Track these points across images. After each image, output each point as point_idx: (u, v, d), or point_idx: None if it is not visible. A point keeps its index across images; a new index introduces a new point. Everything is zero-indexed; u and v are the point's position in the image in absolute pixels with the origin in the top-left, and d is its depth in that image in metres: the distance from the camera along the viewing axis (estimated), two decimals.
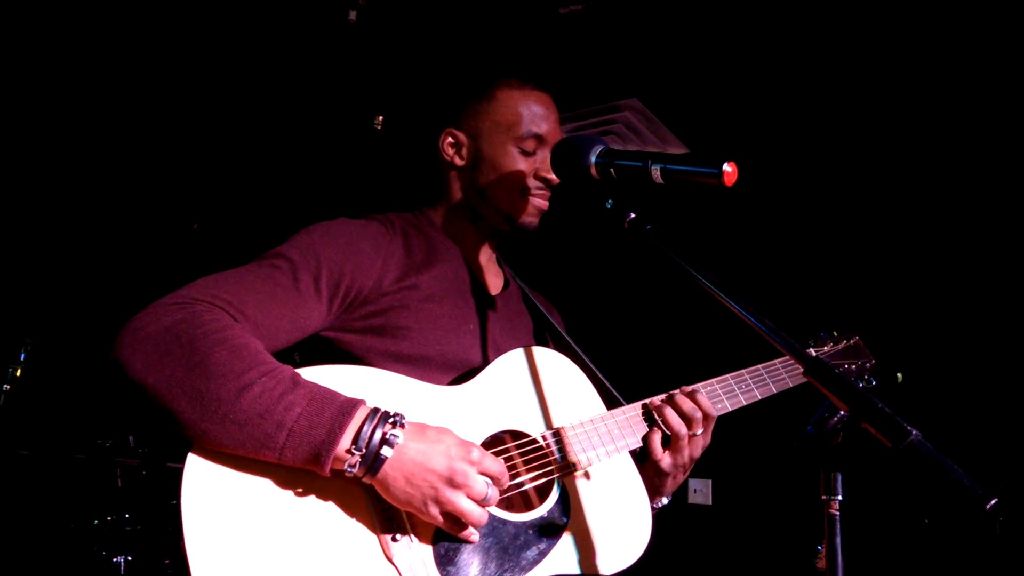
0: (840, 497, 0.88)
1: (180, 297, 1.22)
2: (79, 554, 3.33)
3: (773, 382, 1.65)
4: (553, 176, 1.55)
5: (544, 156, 1.58)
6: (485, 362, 1.47)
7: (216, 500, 1.12)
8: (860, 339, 1.85)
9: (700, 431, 1.48)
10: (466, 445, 1.21)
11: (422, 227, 1.59)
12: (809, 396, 0.96)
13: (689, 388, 1.53)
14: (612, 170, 1.18)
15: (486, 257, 1.67)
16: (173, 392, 1.11)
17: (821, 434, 0.89)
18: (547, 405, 1.43)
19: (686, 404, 1.47)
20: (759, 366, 1.66)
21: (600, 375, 1.56)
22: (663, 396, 1.52)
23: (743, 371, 1.64)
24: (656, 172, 1.10)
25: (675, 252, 1.06)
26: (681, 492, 3.97)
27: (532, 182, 1.56)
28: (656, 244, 1.09)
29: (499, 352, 1.49)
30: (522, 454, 1.38)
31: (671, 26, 2.92)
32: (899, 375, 1.97)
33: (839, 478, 0.89)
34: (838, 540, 0.86)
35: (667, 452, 1.48)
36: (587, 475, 1.41)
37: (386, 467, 1.15)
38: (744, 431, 3.73)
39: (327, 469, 1.13)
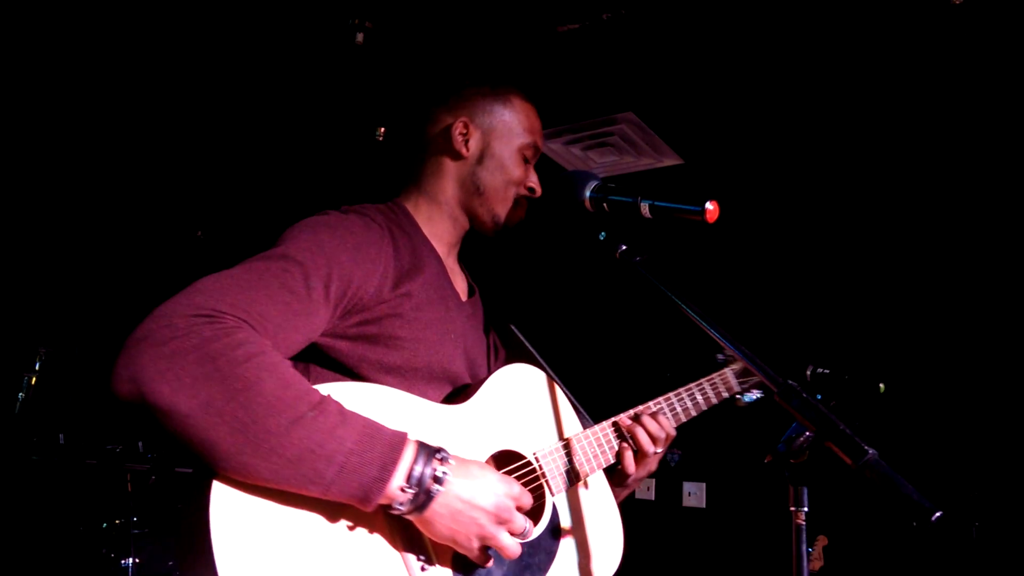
0: (806, 509, 0.98)
1: (201, 308, 1.09)
2: (88, 556, 3.41)
3: (703, 399, 1.72)
4: (539, 189, 1.62)
5: (530, 169, 1.64)
6: (469, 373, 1.52)
7: (244, 528, 1.08)
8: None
9: (662, 449, 1.57)
10: (508, 482, 1.24)
11: (403, 225, 1.53)
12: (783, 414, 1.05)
13: (653, 408, 1.61)
14: (605, 204, 1.28)
15: (455, 260, 1.67)
16: (210, 420, 1.02)
17: (790, 452, 0.99)
18: (535, 424, 1.50)
19: (652, 424, 1.55)
20: (691, 386, 1.72)
21: (563, 386, 1.62)
22: (630, 415, 1.59)
23: (681, 390, 1.70)
24: (645, 208, 1.19)
25: (662, 282, 1.15)
26: (676, 495, 4.07)
27: (523, 190, 1.60)
28: (644, 274, 1.18)
29: (472, 361, 1.53)
30: (519, 474, 1.43)
31: (666, 43, 3.02)
32: (881, 386, 2.05)
33: (805, 492, 0.99)
34: (804, 547, 0.95)
35: (635, 467, 1.56)
36: (573, 492, 1.49)
37: (434, 504, 1.14)
38: (737, 436, 3.84)
39: (373, 506, 1.11)
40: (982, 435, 3.17)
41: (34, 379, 3.42)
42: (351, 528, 1.17)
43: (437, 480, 1.13)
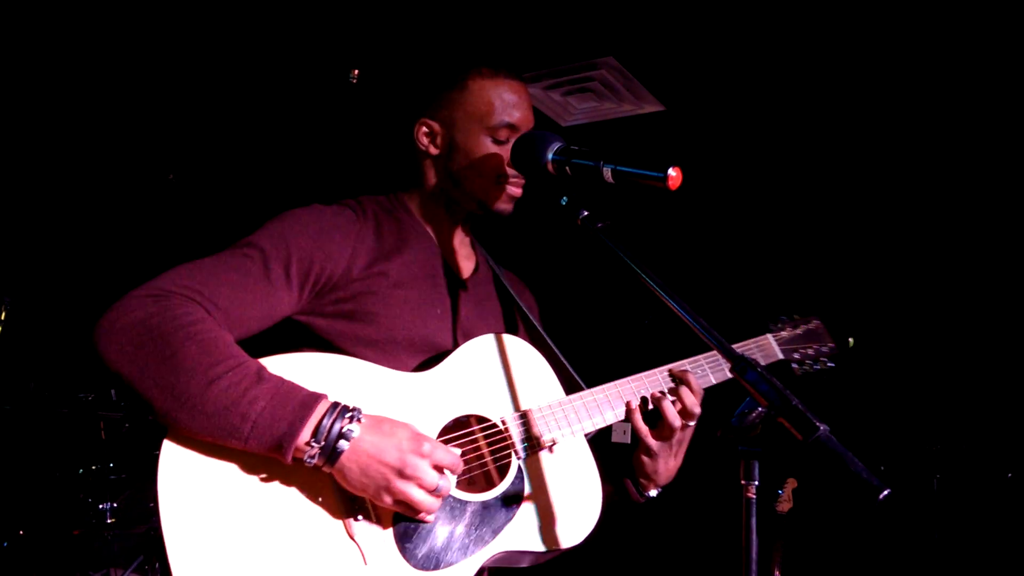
0: (757, 482, 0.98)
1: (155, 289, 1.27)
2: (65, 502, 3.44)
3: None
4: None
5: (507, 148, 1.57)
6: (454, 345, 1.52)
7: (190, 484, 1.22)
8: (821, 323, 1.83)
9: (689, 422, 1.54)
10: (418, 438, 1.27)
11: (395, 212, 1.61)
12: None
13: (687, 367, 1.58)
14: (567, 168, 1.24)
15: (459, 240, 1.68)
16: (146, 383, 1.20)
17: (742, 426, 0.99)
18: (507, 390, 1.49)
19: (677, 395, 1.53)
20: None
21: (564, 359, 1.61)
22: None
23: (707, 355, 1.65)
24: (607, 172, 1.15)
25: (623, 250, 1.13)
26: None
27: (505, 170, 1.56)
28: (606, 242, 1.15)
29: (467, 335, 1.54)
30: (483, 437, 1.45)
31: None
32: (851, 340, 2.05)
33: (756, 465, 0.99)
34: (753, 520, 0.96)
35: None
36: (544, 457, 1.47)
37: (342, 459, 1.23)
38: None
39: (289, 458, 1.22)
40: (945, 390, 3.22)
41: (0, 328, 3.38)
42: (289, 481, 1.27)
43: (343, 436, 1.22)
